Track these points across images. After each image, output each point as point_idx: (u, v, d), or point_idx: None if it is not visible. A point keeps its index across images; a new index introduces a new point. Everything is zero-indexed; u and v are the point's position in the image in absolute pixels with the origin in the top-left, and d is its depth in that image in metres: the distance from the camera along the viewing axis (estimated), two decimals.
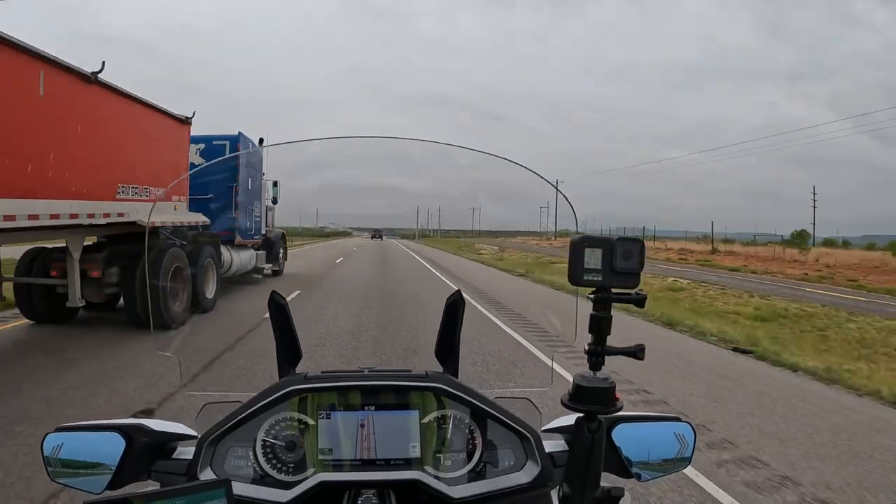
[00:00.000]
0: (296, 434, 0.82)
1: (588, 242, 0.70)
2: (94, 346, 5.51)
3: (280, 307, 0.87)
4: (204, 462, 0.80)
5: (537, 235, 76.26)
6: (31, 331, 6.35)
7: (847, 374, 5.71)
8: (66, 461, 0.77)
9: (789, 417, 4.21)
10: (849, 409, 4.65)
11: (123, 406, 3.78)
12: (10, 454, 2.96)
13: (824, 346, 8.00)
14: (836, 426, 4.07)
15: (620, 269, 0.70)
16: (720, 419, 4.06)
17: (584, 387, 0.72)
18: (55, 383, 4.25)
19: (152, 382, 4.24)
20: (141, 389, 4.12)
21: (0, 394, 3.95)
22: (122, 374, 4.54)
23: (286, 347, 0.89)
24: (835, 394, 5.18)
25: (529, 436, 0.84)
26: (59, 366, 4.77)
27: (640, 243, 0.71)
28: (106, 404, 3.84)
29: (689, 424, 0.89)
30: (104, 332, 6.23)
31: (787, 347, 7.02)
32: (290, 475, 0.80)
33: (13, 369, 4.71)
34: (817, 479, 3.08)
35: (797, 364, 6.09)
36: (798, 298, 13.59)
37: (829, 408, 4.61)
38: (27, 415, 3.55)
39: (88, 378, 4.42)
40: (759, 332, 8.12)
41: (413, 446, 0.82)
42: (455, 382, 0.86)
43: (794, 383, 5.47)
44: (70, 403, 3.83)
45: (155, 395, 3.97)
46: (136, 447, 0.79)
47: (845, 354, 7.24)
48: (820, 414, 4.38)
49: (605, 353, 0.72)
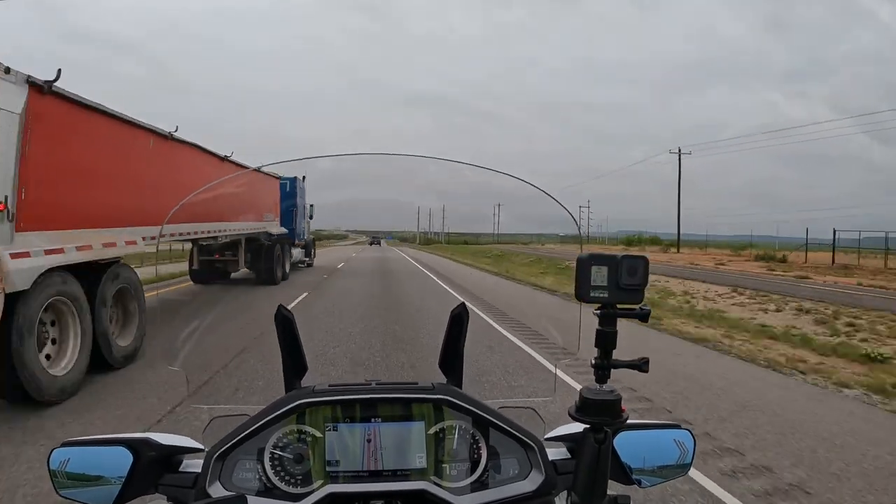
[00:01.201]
0: (304, 446, 0.84)
1: (594, 260, 0.72)
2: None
3: (286, 320, 0.89)
4: (213, 476, 0.82)
5: (565, 241, 62.80)
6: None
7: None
8: (74, 475, 0.80)
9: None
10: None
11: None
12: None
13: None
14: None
15: (625, 285, 0.71)
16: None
17: (590, 399, 0.73)
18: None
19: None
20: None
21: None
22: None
23: (292, 360, 0.91)
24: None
25: (533, 445, 0.87)
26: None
27: (644, 260, 0.72)
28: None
29: (689, 431, 0.93)
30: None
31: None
32: (298, 487, 0.83)
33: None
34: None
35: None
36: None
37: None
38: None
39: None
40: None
41: (419, 457, 0.85)
42: (460, 394, 0.89)
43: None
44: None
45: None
46: (143, 461, 0.82)
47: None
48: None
49: (611, 367, 0.74)
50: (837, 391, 5.19)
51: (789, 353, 6.71)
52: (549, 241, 72.42)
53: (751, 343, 7.35)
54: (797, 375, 5.76)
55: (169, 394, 4.28)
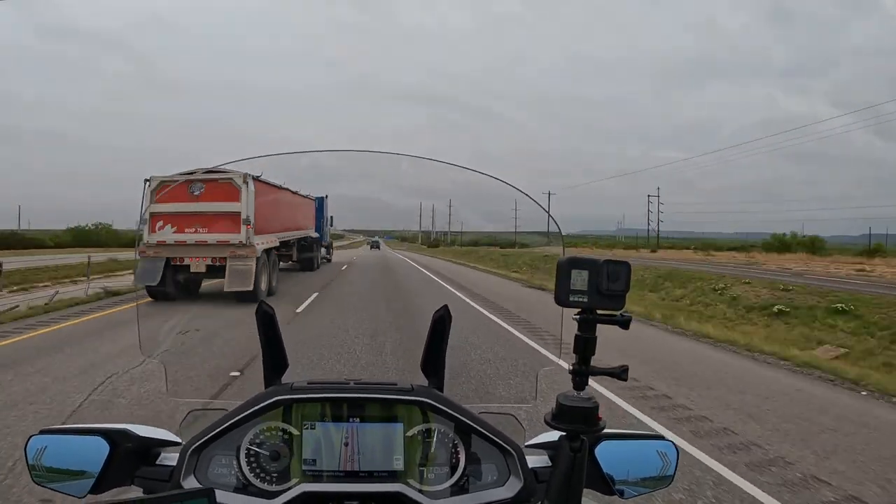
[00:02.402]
0: (280, 444, 0.84)
1: (574, 264, 0.69)
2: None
3: (267, 316, 0.88)
4: (188, 470, 0.82)
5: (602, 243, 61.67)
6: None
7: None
8: (50, 464, 0.80)
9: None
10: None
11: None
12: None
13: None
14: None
15: (607, 290, 0.69)
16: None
17: (567, 406, 0.71)
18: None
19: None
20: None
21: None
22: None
23: (273, 356, 0.90)
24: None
25: (513, 451, 0.87)
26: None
27: (627, 266, 0.70)
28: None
29: (672, 443, 0.92)
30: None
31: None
32: (273, 485, 0.83)
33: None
34: None
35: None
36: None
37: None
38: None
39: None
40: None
41: (397, 459, 0.85)
42: (440, 397, 0.88)
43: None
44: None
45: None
46: (121, 452, 0.81)
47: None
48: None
49: (589, 374, 0.72)
50: None
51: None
52: (581, 242, 67.92)
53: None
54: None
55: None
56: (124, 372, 5.24)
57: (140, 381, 4.90)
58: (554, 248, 2.44)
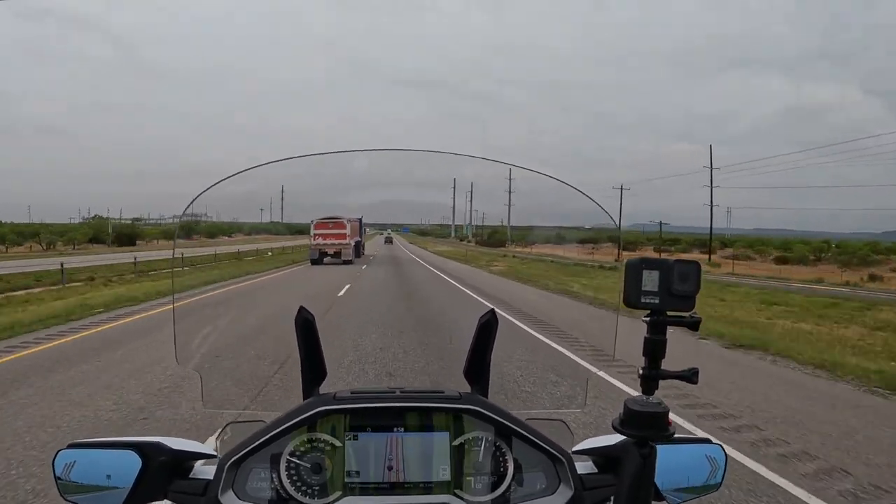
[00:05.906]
0: (322, 456, 0.82)
1: (646, 264, 0.69)
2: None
3: (308, 323, 0.86)
4: (226, 484, 0.80)
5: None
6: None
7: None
8: (79, 479, 0.78)
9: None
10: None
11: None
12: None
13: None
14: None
15: (677, 291, 0.68)
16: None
17: (636, 411, 0.69)
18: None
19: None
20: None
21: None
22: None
23: (312, 365, 0.88)
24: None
25: (562, 458, 0.84)
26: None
27: (697, 265, 0.69)
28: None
29: (721, 447, 0.90)
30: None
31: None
32: (315, 498, 0.81)
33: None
34: None
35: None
36: None
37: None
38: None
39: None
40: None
41: (443, 469, 0.83)
42: (489, 404, 0.86)
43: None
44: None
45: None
46: (153, 466, 0.79)
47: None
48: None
49: (659, 378, 0.70)
50: None
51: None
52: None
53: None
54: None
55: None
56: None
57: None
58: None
